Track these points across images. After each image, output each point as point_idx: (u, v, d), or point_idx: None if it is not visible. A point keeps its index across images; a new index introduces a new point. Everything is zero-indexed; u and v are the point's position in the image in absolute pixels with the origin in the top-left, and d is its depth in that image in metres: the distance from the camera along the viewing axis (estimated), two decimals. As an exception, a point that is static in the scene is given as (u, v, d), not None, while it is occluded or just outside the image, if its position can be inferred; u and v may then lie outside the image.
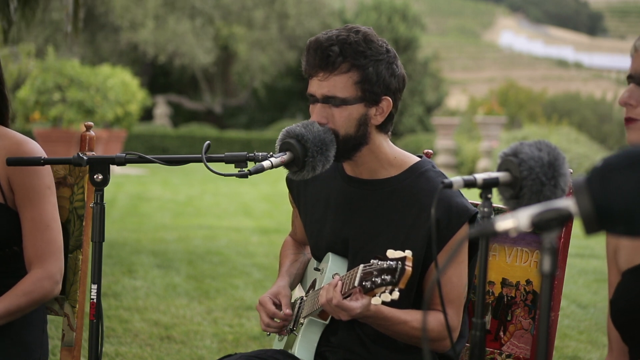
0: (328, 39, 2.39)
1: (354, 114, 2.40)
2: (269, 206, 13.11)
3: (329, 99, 2.40)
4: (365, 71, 2.38)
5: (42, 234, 2.60)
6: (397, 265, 2.14)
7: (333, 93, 2.39)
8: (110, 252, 7.60)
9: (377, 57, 2.39)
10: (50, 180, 2.64)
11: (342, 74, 2.38)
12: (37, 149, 2.63)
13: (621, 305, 2.08)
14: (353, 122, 2.41)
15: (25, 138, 2.64)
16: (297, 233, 2.81)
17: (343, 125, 2.40)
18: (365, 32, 2.41)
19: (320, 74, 2.40)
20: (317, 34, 2.45)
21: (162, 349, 4.70)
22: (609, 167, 1.45)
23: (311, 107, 2.45)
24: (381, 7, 31.82)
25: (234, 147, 26.40)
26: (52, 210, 2.63)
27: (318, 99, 2.41)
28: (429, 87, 31.89)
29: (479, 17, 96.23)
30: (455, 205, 2.41)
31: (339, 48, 2.37)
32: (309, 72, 2.43)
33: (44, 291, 2.59)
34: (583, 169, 17.38)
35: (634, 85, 2.05)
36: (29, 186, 2.60)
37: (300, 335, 2.53)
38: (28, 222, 2.60)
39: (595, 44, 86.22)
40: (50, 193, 2.63)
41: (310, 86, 2.44)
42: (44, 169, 2.62)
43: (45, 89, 15.78)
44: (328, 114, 2.40)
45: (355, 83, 2.38)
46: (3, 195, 2.59)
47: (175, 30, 28.14)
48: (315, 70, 2.40)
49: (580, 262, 8.25)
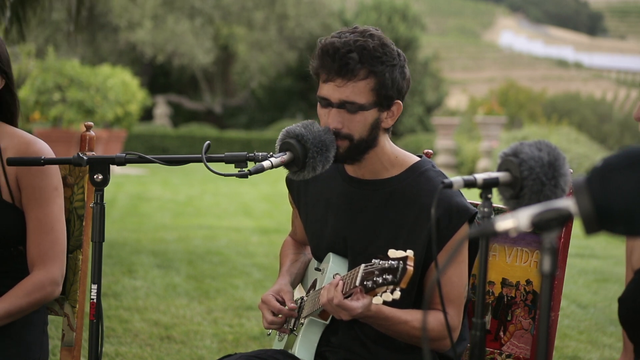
0: (345, 44, 2.36)
1: (368, 118, 2.40)
2: (269, 206, 13.11)
3: (345, 104, 2.38)
4: (382, 77, 2.37)
5: (46, 235, 2.60)
6: (399, 264, 2.14)
7: (351, 99, 2.37)
8: (110, 252, 7.60)
9: (392, 62, 2.38)
10: (58, 181, 2.65)
11: (360, 81, 2.36)
12: (46, 149, 2.63)
13: (630, 303, 2.08)
14: (367, 126, 2.41)
15: (34, 138, 2.64)
16: (297, 233, 2.81)
17: (358, 130, 2.40)
18: (380, 37, 2.39)
19: (337, 79, 2.37)
20: (329, 37, 2.41)
21: (162, 349, 4.70)
22: (609, 167, 1.45)
23: (322, 110, 2.43)
24: (381, 7, 31.82)
25: (234, 147, 26.39)
26: (57, 212, 2.63)
27: (333, 104, 2.40)
28: (429, 87, 31.90)
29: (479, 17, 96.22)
30: (455, 205, 2.41)
31: (358, 55, 2.35)
32: (324, 76, 2.39)
33: (45, 293, 2.59)
34: (583, 169, 17.37)
35: None
36: (37, 186, 2.60)
37: (300, 336, 2.53)
38: (33, 222, 2.60)
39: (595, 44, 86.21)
40: (57, 195, 2.63)
41: (323, 89, 2.41)
42: (52, 170, 2.62)
43: (45, 89, 15.77)
44: (344, 118, 2.39)
45: (372, 89, 2.37)
46: (11, 195, 2.60)
47: (174, 30, 28.12)
48: (332, 75, 2.37)
49: (580, 262, 8.25)
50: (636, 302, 2.06)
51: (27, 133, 2.66)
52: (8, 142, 2.62)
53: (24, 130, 2.71)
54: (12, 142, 2.62)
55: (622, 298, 2.12)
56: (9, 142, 2.62)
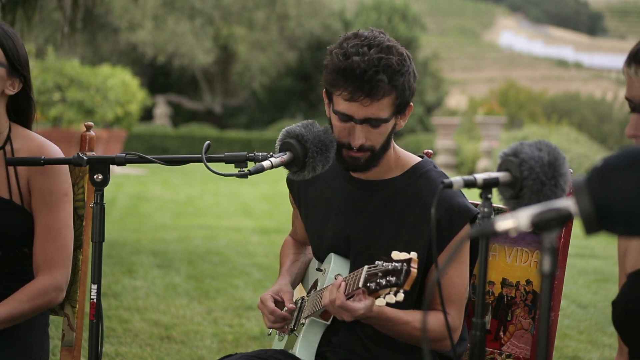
0: (370, 63, 2.31)
1: (389, 129, 2.42)
2: (269, 206, 13.11)
3: (370, 121, 2.37)
4: (402, 88, 2.36)
5: (53, 241, 2.60)
6: (403, 267, 2.13)
7: (376, 115, 2.36)
8: (110, 252, 7.60)
9: (408, 70, 2.37)
10: (69, 187, 2.65)
11: (385, 98, 2.35)
12: (58, 153, 2.63)
13: (623, 307, 2.07)
14: (387, 135, 2.43)
15: (48, 142, 2.65)
16: (298, 233, 2.81)
17: (380, 142, 2.41)
18: (397, 49, 2.37)
19: (365, 100, 2.34)
20: (343, 49, 2.35)
21: (162, 349, 4.70)
22: (609, 167, 1.45)
23: (341, 125, 2.39)
24: (381, 7, 31.84)
25: (234, 147, 26.39)
26: (66, 217, 2.63)
27: (356, 120, 2.38)
28: (429, 87, 31.91)
29: (479, 17, 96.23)
30: (456, 205, 2.41)
31: (387, 77, 2.32)
32: (347, 95, 2.35)
33: (48, 299, 2.59)
34: (583, 169, 17.37)
35: (636, 115, 2.02)
36: (47, 190, 2.60)
37: (301, 336, 2.53)
38: (41, 226, 2.60)
39: (595, 44, 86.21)
40: (67, 200, 2.63)
41: (343, 106, 2.36)
42: (63, 175, 2.62)
43: (45, 89, 15.77)
44: (368, 133, 2.39)
45: (393, 103, 2.38)
46: (20, 197, 2.60)
47: (174, 30, 28.13)
48: (359, 96, 2.34)
49: (580, 262, 8.25)
50: (630, 305, 2.06)
51: (41, 136, 2.66)
52: (22, 144, 2.62)
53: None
54: (25, 144, 2.62)
55: (616, 301, 2.11)
56: (23, 144, 2.63)
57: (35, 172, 2.59)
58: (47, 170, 2.59)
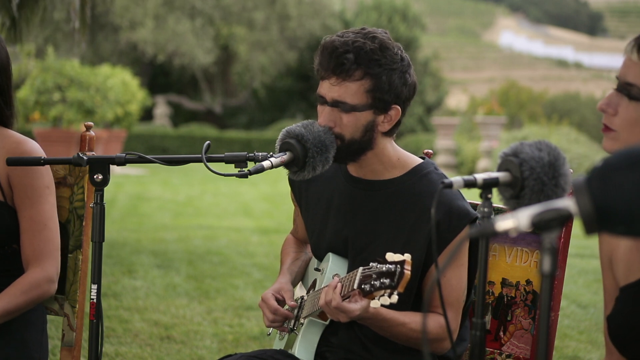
0: (344, 43, 2.37)
1: (361, 120, 2.40)
2: (269, 206, 13.11)
3: (338, 104, 2.39)
4: (378, 80, 2.36)
5: (39, 234, 2.61)
6: (396, 268, 2.13)
7: (343, 98, 2.38)
8: (110, 252, 7.60)
9: (392, 65, 2.38)
10: (50, 180, 2.66)
11: (355, 81, 2.37)
12: (36, 148, 2.65)
13: (618, 321, 2.07)
14: (360, 128, 2.41)
15: (25, 138, 2.66)
16: (299, 231, 2.81)
17: (349, 131, 2.40)
18: (381, 40, 2.38)
19: (332, 78, 2.38)
20: (334, 35, 2.42)
21: (162, 349, 4.70)
22: (609, 167, 1.45)
23: (319, 108, 2.44)
24: (381, 7, 31.83)
25: (234, 147, 26.39)
26: (50, 209, 2.64)
27: (328, 102, 2.41)
28: (429, 87, 31.89)
29: (479, 17, 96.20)
30: (456, 208, 2.41)
31: (354, 55, 2.35)
32: (321, 73, 2.41)
33: (41, 291, 2.60)
34: (583, 169, 17.37)
35: (614, 92, 2.02)
36: (28, 185, 2.61)
37: (300, 336, 2.53)
38: (26, 221, 2.62)
39: (595, 44, 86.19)
40: (49, 193, 2.64)
41: (320, 87, 2.43)
42: (43, 168, 2.64)
43: (45, 89, 15.76)
44: (336, 117, 2.40)
45: (367, 91, 2.37)
46: (2, 193, 2.62)
47: (175, 30, 28.13)
48: (328, 73, 2.39)
49: (580, 262, 8.25)
50: (627, 318, 2.05)
51: (18, 134, 2.68)
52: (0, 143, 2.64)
53: (24, 130, 2.73)
54: (2, 142, 2.64)
55: (610, 316, 2.10)
56: (0, 142, 2.64)
57: (13, 168, 2.60)
58: (25, 166, 2.60)
